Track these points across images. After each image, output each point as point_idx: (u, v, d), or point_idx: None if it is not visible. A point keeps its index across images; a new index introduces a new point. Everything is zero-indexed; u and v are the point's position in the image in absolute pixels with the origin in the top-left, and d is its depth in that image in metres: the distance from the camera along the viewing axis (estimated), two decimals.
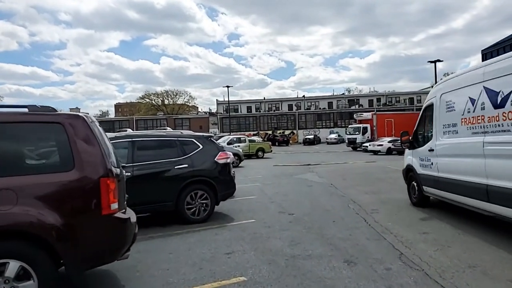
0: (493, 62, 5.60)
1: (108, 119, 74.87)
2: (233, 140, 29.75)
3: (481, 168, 5.51)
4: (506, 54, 5.35)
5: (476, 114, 5.80)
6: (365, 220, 6.96)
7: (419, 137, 8.18)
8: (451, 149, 6.63)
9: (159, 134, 7.48)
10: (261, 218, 7.38)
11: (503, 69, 5.17)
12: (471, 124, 5.96)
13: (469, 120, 6.01)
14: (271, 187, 12.05)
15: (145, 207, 6.81)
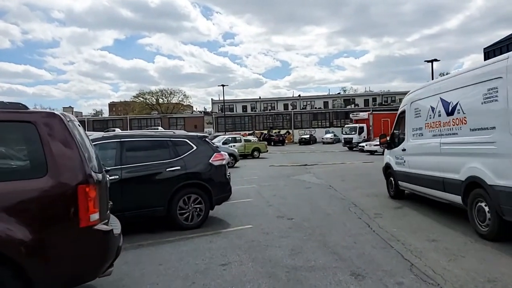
0: (446, 78, 6.98)
1: (101, 118, 74.08)
2: (229, 139, 29.28)
3: (439, 164, 6.78)
4: (455, 72, 6.90)
5: (435, 120, 7.04)
6: (368, 225, 6.57)
7: (395, 138, 9.27)
8: (418, 149, 7.78)
9: (150, 134, 7.03)
10: (258, 224, 6.96)
11: (452, 85, 6.50)
12: (432, 128, 7.19)
13: (430, 125, 7.23)
14: (268, 189, 11.64)
15: (134, 212, 6.37)
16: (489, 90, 5.37)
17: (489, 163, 5.34)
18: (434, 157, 6.98)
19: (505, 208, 4.97)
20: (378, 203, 8.67)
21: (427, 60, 33.43)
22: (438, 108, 6.87)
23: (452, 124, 6.42)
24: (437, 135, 6.96)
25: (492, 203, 5.24)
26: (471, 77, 5.92)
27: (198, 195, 6.80)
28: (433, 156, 7.02)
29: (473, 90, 5.81)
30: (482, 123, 5.62)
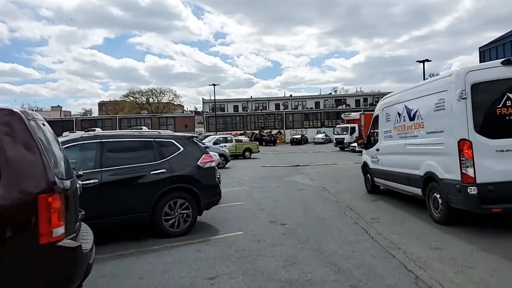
0: (410, 88, 8.04)
1: (90, 117, 72.93)
2: (219, 140, 28.82)
3: (404, 162, 7.71)
4: (417, 84, 7.88)
5: (401, 124, 8.02)
6: (366, 231, 6.20)
7: (371, 140, 10.18)
8: (388, 149, 8.74)
9: (133, 135, 6.55)
10: (250, 230, 6.54)
11: (413, 95, 7.52)
12: (399, 131, 8.15)
13: (398, 128, 8.20)
14: (259, 191, 11.22)
15: (116, 219, 5.90)
16: (439, 100, 6.41)
17: (440, 161, 6.36)
18: (401, 156, 7.97)
19: (451, 198, 6.01)
20: (374, 206, 8.32)
21: (418, 61, 33.33)
22: (404, 114, 7.91)
23: (414, 127, 7.48)
24: (403, 137, 7.96)
25: (442, 193, 6.26)
26: (427, 89, 7.03)
27: (185, 200, 6.35)
28: (400, 155, 8.02)
29: (428, 100, 6.82)
30: (434, 127, 6.64)
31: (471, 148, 5.69)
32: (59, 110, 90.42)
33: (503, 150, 5.68)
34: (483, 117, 5.81)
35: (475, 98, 5.77)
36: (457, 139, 5.85)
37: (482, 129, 5.75)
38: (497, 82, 5.82)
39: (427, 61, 32.79)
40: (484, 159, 5.67)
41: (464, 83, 5.82)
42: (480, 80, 5.83)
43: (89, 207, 5.65)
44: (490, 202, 5.62)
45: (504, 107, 5.73)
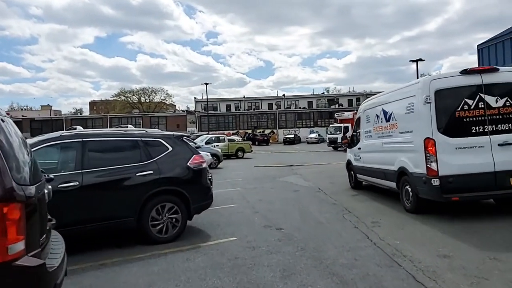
0: (386, 93, 8.82)
1: (80, 117, 71.85)
2: (212, 139, 28.32)
3: (382, 159, 8.49)
4: (392, 89, 8.62)
5: (379, 125, 8.77)
6: (367, 236, 5.82)
7: (354, 139, 10.96)
8: (369, 147, 9.55)
9: (117, 133, 6.08)
10: (243, 235, 6.12)
11: (389, 99, 8.33)
12: (377, 131, 8.90)
13: (376, 128, 8.96)
14: (253, 193, 10.80)
15: (98, 224, 5.44)
16: (409, 104, 7.24)
17: (410, 157, 7.15)
18: (379, 153, 8.76)
19: (419, 189, 6.83)
20: (373, 209, 7.95)
21: (412, 60, 33.22)
22: (381, 116, 8.67)
23: (389, 128, 8.24)
24: (380, 136, 8.75)
25: (412, 186, 7.08)
26: (399, 94, 7.84)
27: (173, 204, 5.91)
28: (378, 153, 8.83)
29: (401, 103, 7.65)
30: (406, 128, 7.44)
31: (435, 146, 6.49)
32: (49, 109, 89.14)
33: (461, 147, 6.49)
34: (445, 119, 6.61)
35: (438, 103, 6.55)
36: (423, 138, 6.66)
37: (444, 129, 6.56)
38: (456, 89, 6.62)
39: (421, 60, 32.64)
40: (445, 155, 6.46)
41: (429, 89, 6.60)
42: (442, 87, 6.61)
43: (69, 212, 5.26)
44: (450, 192, 6.39)
45: (462, 111, 6.55)
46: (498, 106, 6.54)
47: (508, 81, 6.70)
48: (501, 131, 6.50)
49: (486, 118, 6.51)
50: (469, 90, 6.58)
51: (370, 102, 9.86)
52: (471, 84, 6.60)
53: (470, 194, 6.46)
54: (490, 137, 6.48)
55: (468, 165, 6.35)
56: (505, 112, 6.53)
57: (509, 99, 6.56)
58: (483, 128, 6.51)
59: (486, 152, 6.43)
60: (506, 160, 6.36)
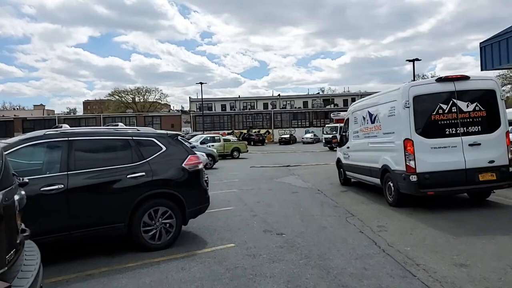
0: (372, 97, 9.54)
1: (73, 116, 70.99)
2: (207, 139, 27.86)
3: (368, 157, 9.12)
4: (376, 94, 9.47)
5: (365, 126, 9.43)
6: (375, 242, 5.45)
7: (343, 139, 11.56)
8: (356, 146, 10.21)
9: (107, 132, 5.65)
10: (242, 241, 5.73)
11: (373, 102, 9.09)
12: (364, 132, 9.58)
13: (363, 129, 9.63)
14: (250, 194, 10.41)
15: (85, 231, 5.01)
16: (391, 108, 7.91)
17: (392, 156, 7.78)
18: (365, 152, 9.41)
19: (399, 184, 7.48)
20: (377, 211, 7.59)
21: (409, 60, 33.19)
22: (367, 118, 9.32)
23: (374, 129, 8.91)
24: (366, 136, 9.40)
25: (394, 181, 7.72)
26: (383, 98, 8.56)
27: (167, 208, 5.50)
28: (365, 152, 9.44)
29: (384, 107, 8.33)
30: (388, 129, 8.11)
31: (413, 146, 7.16)
32: (42, 108, 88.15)
33: (436, 147, 7.17)
34: (422, 121, 7.27)
35: (416, 107, 7.24)
36: (402, 139, 7.33)
37: (421, 131, 7.23)
38: (432, 95, 7.32)
39: (417, 60, 32.56)
40: (422, 154, 7.13)
41: (408, 95, 7.26)
42: (420, 93, 7.30)
43: (52, 217, 4.83)
44: (426, 187, 7.06)
45: (437, 114, 7.25)
46: (469, 110, 7.28)
47: (478, 88, 7.43)
48: (471, 133, 7.25)
49: (458, 121, 7.24)
50: (444, 96, 7.30)
51: (357, 104, 10.61)
52: (445, 90, 7.31)
53: (444, 189, 7.18)
54: (461, 138, 7.21)
55: (442, 163, 7.08)
56: (475, 116, 7.28)
57: (479, 104, 7.29)
58: (456, 130, 7.23)
59: (458, 151, 7.16)
60: (475, 159, 7.12)
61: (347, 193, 10.00)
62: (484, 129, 7.27)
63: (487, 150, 7.17)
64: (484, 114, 7.28)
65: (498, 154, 7.20)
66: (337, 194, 9.97)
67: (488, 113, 7.29)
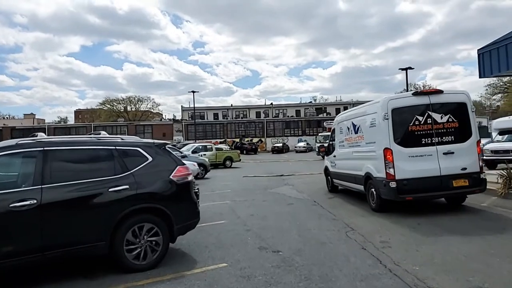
0: (356, 109, 10.01)
1: (63, 125, 69.89)
2: (199, 148, 27.35)
3: (352, 165, 9.55)
4: (360, 106, 9.84)
5: (350, 136, 9.91)
6: (380, 261, 5.02)
7: (330, 148, 12.04)
8: (342, 155, 10.67)
9: (87, 141, 5.17)
10: (235, 260, 5.25)
11: (357, 114, 9.53)
12: (348, 141, 10.07)
13: (348, 139, 10.11)
14: (244, 207, 9.92)
15: (60, 252, 4.50)
16: (372, 119, 8.38)
17: (374, 164, 8.21)
18: (350, 161, 9.88)
19: (381, 191, 7.90)
20: (377, 224, 7.18)
21: (401, 68, 33.25)
22: (351, 128, 9.81)
23: (358, 139, 9.39)
24: (351, 146, 9.89)
25: (375, 188, 8.16)
26: (365, 111, 9.00)
27: (153, 224, 5.02)
28: (349, 160, 9.92)
29: (366, 118, 8.80)
30: (370, 139, 8.55)
31: (392, 155, 7.62)
32: (32, 118, 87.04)
33: (413, 156, 7.65)
34: (400, 132, 7.75)
35: (394, 119, 7.73)
36: (382, 148, 7.78)
37: (399, 140, 7.70)
38: (409, 108, 7.81)
39: (410, 68, 32.61)
40: (400, 162, 7.59)
41: (387, 108, 7.76)
42: (398, 106, 7.81)
43: (23, 237, 4.30)
44: (404, 192, 7.50)
45: (414, 125, 7.74)
46: (443, 121, 7.79)
47: (451, 101, 7.98)
48: (445, 142, 7.74)
49: (433, 131, 7.74)
50: (420, 108, 7.78)
51: (343, 115, 11.08)
52: (421, 103, 7.81)
53: (421, 194, 7.64)
54: (436, 147, 7.69)
55: (419, 170, 7.55)
56: (448, 127, 7.79)
57: (451, 116, 7.81)
58: (431, 139, 7.72)
59: (433, 159, 7.63)
60: (449, 166, 7.61)
61: (344, 205, 9.57)
62: (457, 139, 7.77)
63: (460, 158, 7.67)
64: (457, 125, 7.80)
65: (470, 162, 7.72)
66: (334, 205, 9.53)
67: (460, 124, 7.81)
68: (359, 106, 9.93)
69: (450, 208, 8.42)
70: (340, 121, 10.97)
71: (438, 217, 7.54)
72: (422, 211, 8.08)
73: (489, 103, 73.50)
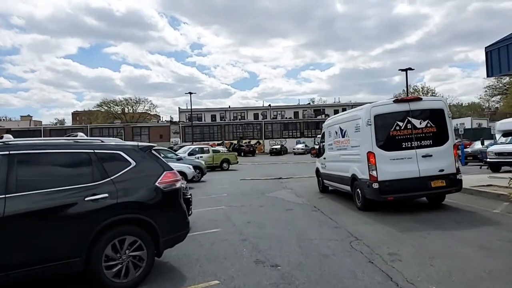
0: (343, 114, 10.65)
1: (59, 127, 69.21)
2: (195, 150, 26.78)
3: (340, 167, 10.06)
4: (346, 112, 10.71)
5: (338, 139, 10.39)
6: (390, 278, 4.48)
7: (321, 150, 12.44)
8: (331, 157, 11.09)
9: (61, 144, 4.61)
10: (229, 276, 4.70)
11: (343, 119, 10.13)
12: (336, 144, 10.55)
13: (336, 142, 10.59)
14: (240, 213, 9.37)
15: (28, 270, 3.93)
16: (357, 124, 8.80)
17: (359, 166, 8.63)
18: (338, 163, 10.32)
19: (365, 191, 8.35)
20: (384, 234, 6.64)
21: (401, 69, 32.85)
22: (339, 133, 10.27)
23: (345, 142, 9.84)
24: (339, 149, 10.36)
25: (360, 188, 8.59)
26: (351, 116, 9.46)
27: (136, 237, 4.47)
28: (338, 162, 10.35)
29: (351, 124, 9.26)
30: (355, 143, 9.01)
31: (375, 158, 8.07)
32: (29, 119, 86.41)
33: (394, 159, 8.11)
34: (382, 137, 8.21)
35: (377, 124, 8.19)
36: (366, 151, 8.24)
37: (381, 144, 8.16)
38: (391, 114, 8.29)
39: (410, 69, 32.19)
40: (382, 165, 8.04)
41: (370, 114, 8.24)
42: (380, 112, 8.28)
43: None
44: (386, 193, 7.97)
45: (394, 131, 8.22)
46: (422, 127, 8.27)
47: (429, 108, 8.47)
48: (424, 146, 8.21)
49: (413, 136, 8.21)
50: (400, 115, 8.25)
51: (331, 120, 11.62)
52: (401, 110, 8.29)
53: (402, 195, 8.12)
54: (416, 150, 8.16)
55: (400, 172, 8.02)
56: (427, 132, 8.26)
57: (430, 121, 8.28)
58: (411, 143, 8.20)
59: (413, 162, 8.10)
60: (428, 168, 8.07)
61: (346, 211, 9.03)
62: (435, 142, 8.25)
63: (438, 160, 8.14)
64: (435, 130, 8.28)
65: (447, 164, 8.19)
66: (336, 211, 8.99)
67: (438, 129, 8.29)
68: (346, 112, 10.71)
69: (461, 215, 7.90)
70: (329, 125, 11.48)
71: (449, 226, 7.00)
72: (431, 220, 7.55)
73: (488, 104, 73.31)
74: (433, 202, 9.09)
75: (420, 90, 77.36)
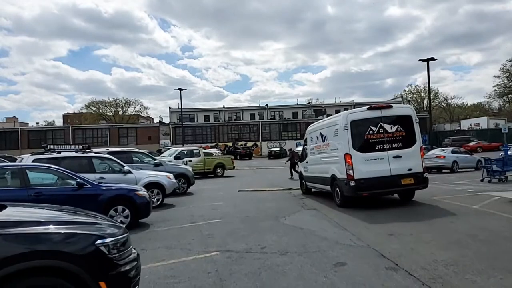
0: (323, 121, 12.01)
1: (37, 128, 64.08)
2: (183, 153, 22.20)
3: (321, 169, 11.13)
4: (325, 119, 12.66)
5: (318, 144, 11.67)
6: None
7: (304, 155, 13.51)
8: (313, 161, 12.29)
9: None
10: None
11: (323, 125, 11.37)
12: (317, 149, 11.80)
13: (317, 147, 11.83)
14: (246, 273, 4.86)
15: None
16: (335, 130, 10.07)
17: (337, 167, 9.74)
18: (319, 165, 11.39)
19: (343, 188, 9.45)
20: None
21: (421, 60, 28.74)
22: (319, 138, 11.45)
23: (325, 147, 11.03)
24: (320, 152, 11.49)
25: (339, 187, 9.70)
26: (330, 122, 10.81)
27: None
28: (318, 165, 11.45)
29: (330, 129, 10.50)
30: (334, 146, 10.23)
31: (351, 159, 9.15)
32: (14, 121, 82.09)
33: (368, 159, 9.18)
34: (358, 140, 9.32)
35: (353, 129, 9.33)
36: (344, 153, 9.34)
37: (357, 147, 9.25)
38: (365, 120, 9.46)
39: (432, 59, 28.06)
40: (358, 165, 9.10)
41: (347, 120, 9.40)
42: (355, 118, 9.45)
43: None
44: (361, 190, 9.03)
45: (368, 134, 9.35)
46: (392, 131, 9.38)
47: (398, 114, 9.75)
48: (395, 148, 9.30)
49: (384, 139, 9.30)
50: (373, 120, 9.39)
51: (313, 127, 12.40)
52: (374, 116, 9.43)
53: (375, 191, 9.25)
54: (387, 152, 9.24)
55: (374, 171, 9.03)
56: (397, 135, 9.37)
57: (399, 126, 9.42)
58: (383, 146, 9.28)
59: (385, 162, 9.17)
60: (398, 167, 9.14)
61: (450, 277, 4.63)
62: (404, 145, 9.33)
63: (407, 161, 9.22)
64: (404, 133, 9.38)
65: (415, 164, 9.29)
66: (433, 269, 4.55)
67: (406, 133, 9.40)
68: (325, 119, 12.10)
69: None
70: (311, 131, 12.44)
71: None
72: None
73: (498, 104, 69.87)
74: (404, 198, 10.17)
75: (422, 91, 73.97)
